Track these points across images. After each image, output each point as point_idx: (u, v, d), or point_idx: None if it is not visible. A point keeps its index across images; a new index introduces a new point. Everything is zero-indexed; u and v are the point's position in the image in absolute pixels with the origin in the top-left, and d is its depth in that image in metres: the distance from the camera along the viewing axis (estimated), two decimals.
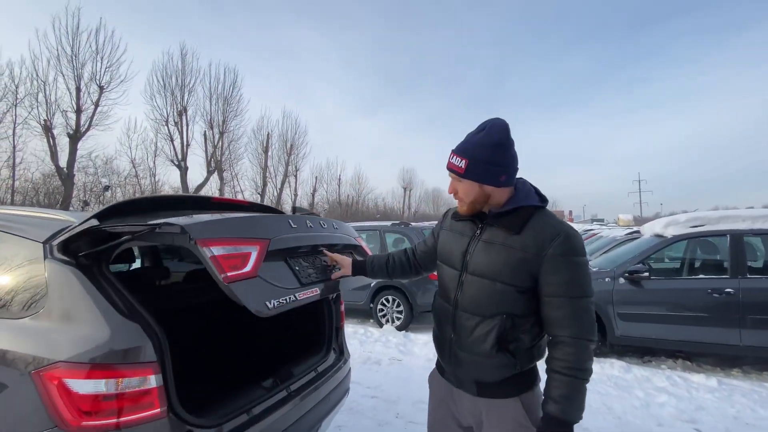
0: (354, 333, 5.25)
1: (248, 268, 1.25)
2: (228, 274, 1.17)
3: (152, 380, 1.17)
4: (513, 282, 1.11)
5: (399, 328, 5.50)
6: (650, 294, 4.16)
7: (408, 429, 2.77)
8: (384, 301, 5.77)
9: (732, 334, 3.81)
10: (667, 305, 4.08)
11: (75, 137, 16.49)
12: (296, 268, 1.53)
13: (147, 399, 1.17)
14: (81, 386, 1.12)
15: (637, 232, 5.94)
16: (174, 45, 31.68)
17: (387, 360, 4.20)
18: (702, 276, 4.21)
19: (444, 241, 1.34)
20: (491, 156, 1.13)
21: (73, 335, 1.20)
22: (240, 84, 22.67)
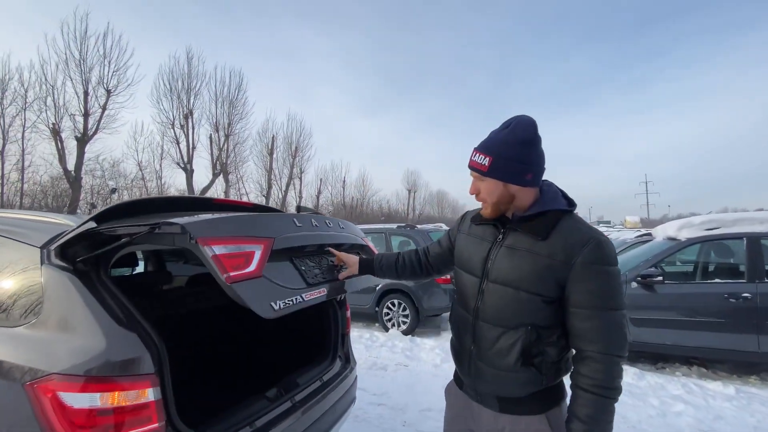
0: (359, 337, 5.18)
1: (252, 268, 1.19)
2: (230, 274, 1.11)
3: (150, 393, 1.12)
4: (538, 291, 1.04)
5: (405, 333, 5.42)
6: (664, 299, 4.06)
7: None
8: (390, 305, 5.69)
9: (749, 340, 3.71)
10: (682, 310, 3.98)
11: (83, 140, 16.64)
12: (302, 268, 1.46)
13: (145, 413, 1.12)
14: (75, 400, 1.06)
15: (648, 235, 5.82)
16: (180, 49, 32.01)
17: (393, 365, 4.13)
18: (718, 280, 4.12)
19: (462, 246, 1.27)
20: (517, 153, 1.06)
21: (68, 346, 1.14)
22: (245, 87, 22.84)
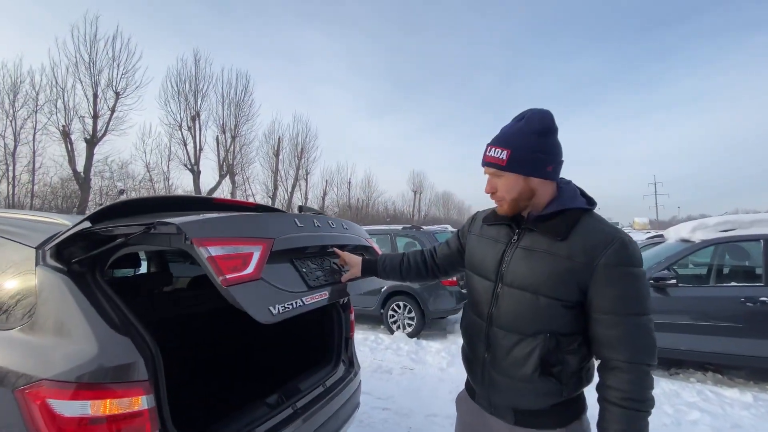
0: (364, 339, 5.12)
1: (250, 270, 1.13)
2: (227, 277, 1.06)
3: (144, 401, 1.07)
4: (558, 295, 0.97)
5: (410, 335, 5.35)
6: (677, 302, 3.94)
7: None
8: (395, 307, 5.62)
9: (767, 346, 3.57)
10: (696, 314, 3.87)
11: (92, 142, 16.82)
12: (303, 270, 1.40)
13: (138, 421, 1.07)
14: (66, 408, 1.02)
15: (660, 236, 5.70)
16: (187, 51, 32.24)
17: (398, 369, 4.06)
18: (734, 284, 3.99)
19: (474, 248, 1.20)
20: (536, 144, 1.00)
21: (60, 351, 1.10)
22: (252, 89, 22.94)
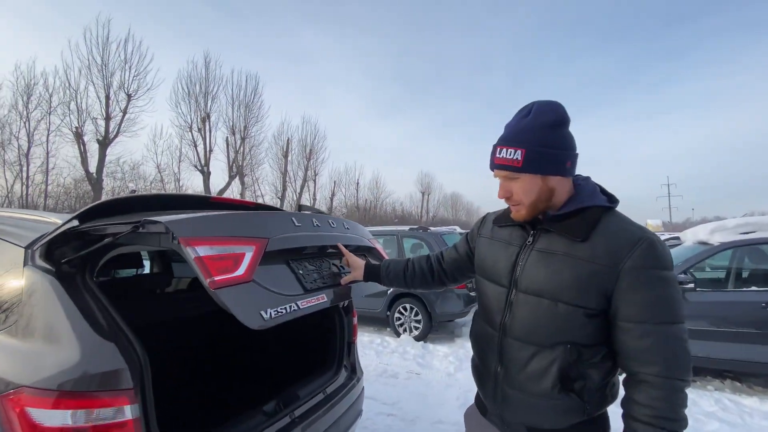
0: (370, 342, 5.05)
1: (241, 272, 1.07)
2: (215, 279, 1.00)
3: (128, 411, 1.01)
4: (579, 302, 0.88)
5: (417, 339, 5.26)
6: (695, 307, 3.79)
7: None
8: (401, 309, 5.54)
9: None
10: (714, 320, 3.72)
11: (104, 143, 17.09)
12: (300, 272, 1.33)
13: None
14: (46, 417, 0.96)
15: (676, 239, 5.52)
16: (198, 53, 32.65)
17: (404, 373, 3.97)
18: (754, 288, 3.82)
19: (485, 252, 1.11)
20: (552, 138, 0.91)
21: (43, 356, 1.05)
22: (261, 90, 23.14)
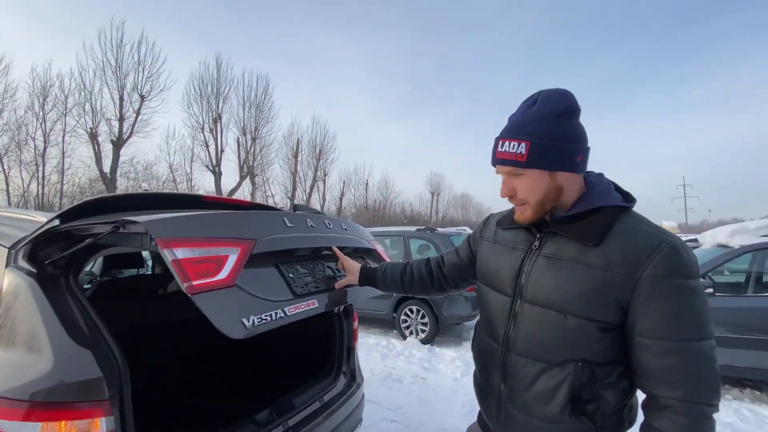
0: (376, 345, 4.98)
1: (223, 276, 1.01)
2: (193, 283, 0.93)
3: (102, 423, 0.96)
4: (591, 315, 0.79)
5: (424, 342, 5.17)
6: (713, 313, 3.60)
7: None
8: (408, 312, 5.46)
9: None
10: (733, 326, 3.56)
11: (118, 144, 17.39)
12: (290, 276, 1.26)
13: None
14: (16, 429, 0.91)
15: (694, 241, 5.32)
16: (209, 55, 33.10)
17: (410, 378, 3.89)
18: None
19: (487, 257, 1.03)
20: (560, 129, 0.82)
21: (17, 363, 1.00)
22: (271, 91, 23.31)
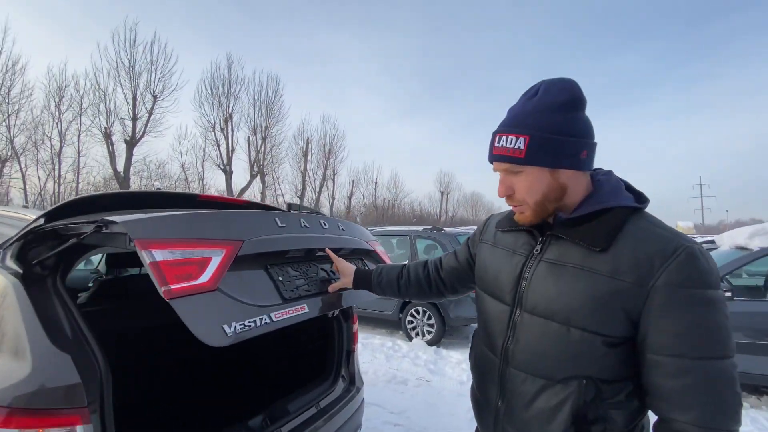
0: (381, 346, 4.93)
1: (204, 279, 0.95)
2: (171, 287, 0.88)
3: (80, 431, 0.92)
4: (597, 328, 0.72)
5: (430, 343, 5.10)
6: (732, 318, 3.48)
7: None
8: (414, 312, 5.40)
9: None
10: (752, 331, 3.41)
11: (131, 143, 17.69)
12: (279, 279, 1.20)
13: None
14: None
15: (711, 242, 5.15)
16: (221, 55, 33.41)
17: (415, 380, 3.83)
18: None
19: (486, 261, 0.96)
20: (563, 122, 0.74)
21: (1, 368, 0.98)
22: (281, 91, 23.51)
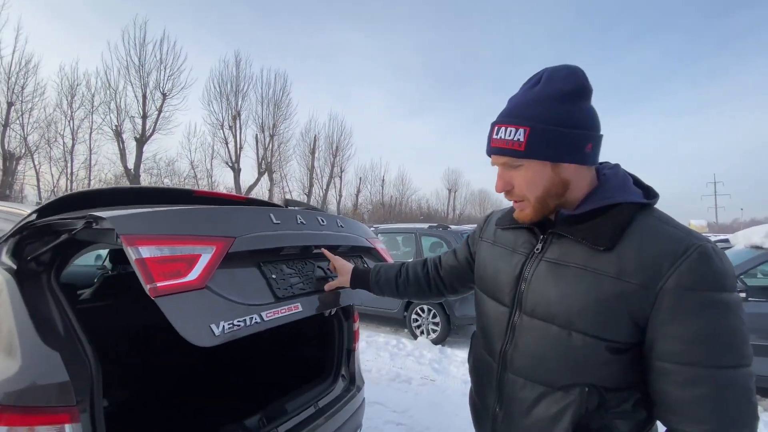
0: (385, 344, 4.90)
1: (192, 277, 0.92)
2: (157, 285, 0.85)
3: (68, 430, 0.91)
4: (600, 332, 0.67)
5: (435, 342, 5.06)
6: (747, 319, 3.37)
7: None
8: (419, 311, 5.35)
9: None
10: (766, 333, 3.29)
11: (141, 141, 17.90)
12: (272, 277, 1.16)
13: None
14: None
15: (725, 242, 5.01)
16: (229, 52, 33.57)
17: (419, 379, 3.80)
18: None
19: (485, 260, 0.91)
20: (566, 113, 0.69)
21: None
22: (289, 88, 23.58)
